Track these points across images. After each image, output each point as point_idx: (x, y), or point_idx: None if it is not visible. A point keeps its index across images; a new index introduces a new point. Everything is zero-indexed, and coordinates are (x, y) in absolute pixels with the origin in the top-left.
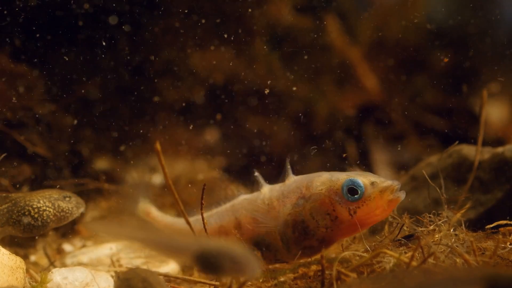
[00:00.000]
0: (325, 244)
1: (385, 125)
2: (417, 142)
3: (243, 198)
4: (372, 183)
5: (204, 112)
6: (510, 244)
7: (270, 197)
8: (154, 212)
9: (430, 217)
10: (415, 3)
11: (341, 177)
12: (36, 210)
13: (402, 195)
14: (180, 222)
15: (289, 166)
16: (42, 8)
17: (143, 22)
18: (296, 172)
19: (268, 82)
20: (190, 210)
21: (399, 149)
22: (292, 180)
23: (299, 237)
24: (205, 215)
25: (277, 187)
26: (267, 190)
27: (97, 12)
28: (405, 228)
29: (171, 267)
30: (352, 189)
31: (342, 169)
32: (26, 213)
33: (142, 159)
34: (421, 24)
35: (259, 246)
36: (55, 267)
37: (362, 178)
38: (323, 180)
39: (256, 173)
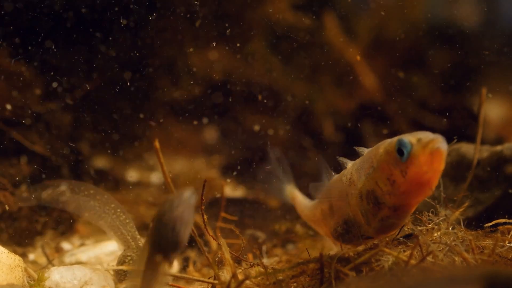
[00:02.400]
0: (399, 212)
1: (384, 123)
2: None
3: (334, 178)
4: (418, 140)
5: (202, 110)
6: (508, 243)
7: (351, 172)
8: (299, 196)
9: (428, 215)
10: (414, 2)
11: (394, 140)
12: None
13: (442, 145)
14: (317, 203)
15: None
16: (41, 5)
17: (142, 20)
18: (295, 172)
19: (267, 80)
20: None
21: None
22: (366, 151)
23: (373, 208)
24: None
25: (358, 160)
26: (350, 165)
27: (95, 10)
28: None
29: None
30: (400, 150)
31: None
32: None
33: (141, 158)
34: (420, 23)
35: (349, 224)
36: (53, 265)
37: (410, 137)
38: (385, 146)
39: (339, 158)
